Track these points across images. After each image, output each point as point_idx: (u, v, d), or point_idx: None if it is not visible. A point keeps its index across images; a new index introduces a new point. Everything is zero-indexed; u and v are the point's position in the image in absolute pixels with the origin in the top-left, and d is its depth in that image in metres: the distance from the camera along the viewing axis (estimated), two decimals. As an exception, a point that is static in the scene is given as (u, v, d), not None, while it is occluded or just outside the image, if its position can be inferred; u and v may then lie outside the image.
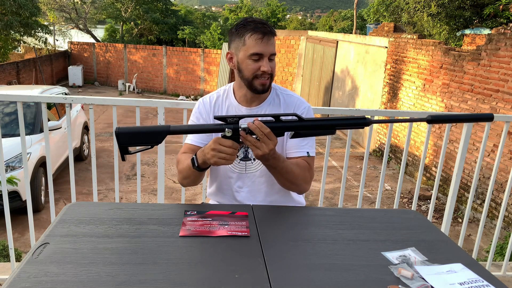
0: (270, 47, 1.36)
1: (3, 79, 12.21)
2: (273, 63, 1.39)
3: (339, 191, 5.97)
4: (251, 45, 1.35)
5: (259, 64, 1.36)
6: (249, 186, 1.49)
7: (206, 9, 59.58)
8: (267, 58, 1.36)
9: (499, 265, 2.74)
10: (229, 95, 1.50)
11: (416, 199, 2.35)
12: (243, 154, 1.48)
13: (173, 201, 5.62)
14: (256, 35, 1.34)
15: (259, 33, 1.34)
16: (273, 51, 1.37)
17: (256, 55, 1.35)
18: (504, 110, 5.13)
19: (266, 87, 1.40)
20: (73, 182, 2.16)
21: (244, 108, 1.47)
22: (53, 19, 19.73)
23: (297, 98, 1.52)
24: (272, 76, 1.40)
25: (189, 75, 15.69)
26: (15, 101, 2.00)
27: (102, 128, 9.64)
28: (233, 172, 1.49)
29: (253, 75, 1.37)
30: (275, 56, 1.39)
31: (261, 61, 1.36)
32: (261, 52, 1.35)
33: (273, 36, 1.37)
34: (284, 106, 1.48)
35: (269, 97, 1.49)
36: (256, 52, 1.35)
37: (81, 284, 0.88)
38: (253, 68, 1.36)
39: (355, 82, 9.49)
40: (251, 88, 1.40)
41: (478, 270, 1.01)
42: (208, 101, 1.51)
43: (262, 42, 1.34)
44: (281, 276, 0.95)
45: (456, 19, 8.40)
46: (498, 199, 5.20)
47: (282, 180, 1.38)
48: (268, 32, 1.35)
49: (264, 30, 1.35)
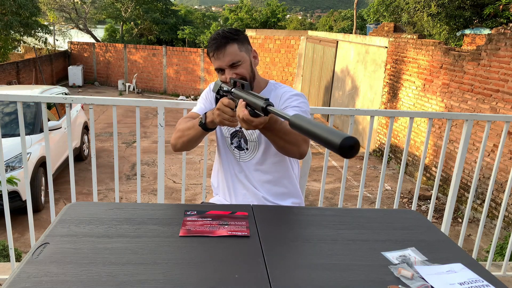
0: (226, 58, 1.40)
1: (3, 79, 12.21)
2: (239, 69, 1.41)
3: (339, 191, 5.97)
4: (213, 62, 1.45)
5: (225, 76, 1.42)
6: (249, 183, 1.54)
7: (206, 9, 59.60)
8: (228, 69, 1.41)
9: (499, 265, 2.74)
10: None
11: (416, 199, 2.35)
12: (236, 143, 1.54)
13: (173, 201, 5.62)
14: (210, 53, 1.44)
15: (211, 51, 1.43)
16: (231, 61, 1.40)
17: (218, 69, 1.44)
18: (504, 110, 5.13)
19: None
20: (73, 182, 2.16)
21: None
22: (53, 19, 19.72)
23: (288, 88, 1.54)
24: (245, 78, 1.43)
25: (189, 75, 15.69)
26: (15, 101, 2.01)
27: (102, 128, 9.64)
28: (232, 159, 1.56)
29: None
30: (240, 61, 1.41)
31: (225, 73, 1.42)
32: (219, 67, 1.42)
33: (227, 44, 1.39)
34: (274, 97, 1.51)
35: (263, 92, 1.53)
36: (216, 67, 1.44)
37: (81, 284, 0.88)
38: (223, 79, 1.43)
39: (355, 82, 9.49)
40: None
41: (478, 270, 1.01)
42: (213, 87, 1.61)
43: (215, 58, 1.42)
44: (281, 276, 0.95)
45: (456, 19, 8.40)
46: (498, 199, 5.20)
47: (281, 142, 1.31)
48: (218, 46, 1.40)
49: (214, 46, 1.40)
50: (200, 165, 7.29)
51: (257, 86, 1.50)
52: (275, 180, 1.54)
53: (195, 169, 7.05)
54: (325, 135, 0.77)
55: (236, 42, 1.41)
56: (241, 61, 1.41)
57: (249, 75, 1.44)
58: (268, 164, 1.52)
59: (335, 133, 0.76)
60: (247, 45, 1.45)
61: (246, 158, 1.54)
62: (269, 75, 13.12)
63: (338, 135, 0.74)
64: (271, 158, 1.51)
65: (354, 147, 0.73)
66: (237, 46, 1.41)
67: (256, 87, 1.50)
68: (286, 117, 0.91)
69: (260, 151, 1.51)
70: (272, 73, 13.20)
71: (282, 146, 1.33)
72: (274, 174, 1.53)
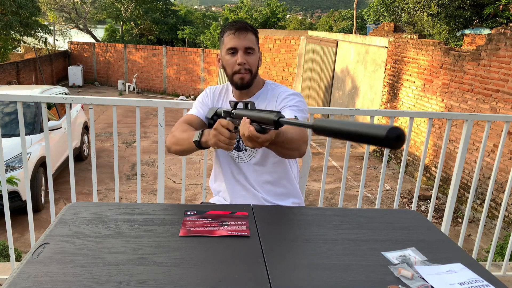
0: (244, 41, 1.41)
1: (3, 79, 12.21)
2: (251, 57, 1.43)
3: (339, 191, 5.97)
4: (227, 42, 1.43)
5: (236, 58, 1.42)
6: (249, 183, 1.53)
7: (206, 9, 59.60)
8: (241, 52, 1.41)
9: (499, 265, 2.74)
10: (229, 91, 1.59)
11: (416, 199, 2.35)
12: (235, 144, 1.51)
13: (173, 201, 5.62)
14: (229, 31, 1.43)
15: (232, 29, 1.42)
16: (248, 45, 1.42)
17: (231, 49, 1.42)
18: (504, 110, 5.13)
19: (245, 81, 1.44)
20: (73, 182, 2.16)
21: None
22: (53, 19, 19.73)
23: (284, 88, 1.54)
24: (251, 70, 1.44)
25: (189, 75, 15.69)
26: (15, 101, 2.01)
27: (102, 128, 9.64)
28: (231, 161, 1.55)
29: (232, 71, 1.44)
30: (254, 51, 1.44)
31: (237, 55, 1.42)
32: (235, 46, 1.41)
33: (248, 31, 1.43)
34: (270, 97, 1.52)
35: (259, 92, 1.53)
36: (230, 46, 1.42)
37: (81, 284, 0.88)
38: (231, 63, 1.43)
39: (355, 82, 9.49)
40: (233, 84, 1.48)
41: (478, 270, 1.01)
42: (213, 91, 1.62)
43: (235, 36, 1.41)
44: (281, 276, 0.95)
45: (456, 19, 8.40)
46: (498, 199, 5.20)
47: (283, 151, 1.31)
48: (241, 28, 1.42)
49: (237, 26, 1.42)
50: (200, 165, 7.29)
51: (256, 85, 1.51)
52: (274, 181, 1.53)
53: (195, 169, 7.05)
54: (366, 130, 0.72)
55: (255, 34, 1.46)
56: (255, 51, 1.45)
57: (255, 68, 1.46)
58: (267, 165, 1.52)
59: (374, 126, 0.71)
60: (258, 43, 1.50)
61: (244, 159, 1.53)
62: (269, 75, 13.12)
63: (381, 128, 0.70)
64: (270, 158, 1.51)
65: (400, 137, 0.69)
66: (255, 38, 1.46)
67: (255, 86, 1.51)
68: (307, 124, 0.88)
69: (259, 151, 1.50)
70: (272, 73, 13.20)
71: (284, 153, 1.33)
72: (273, 175, 1.53)
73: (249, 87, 1.48)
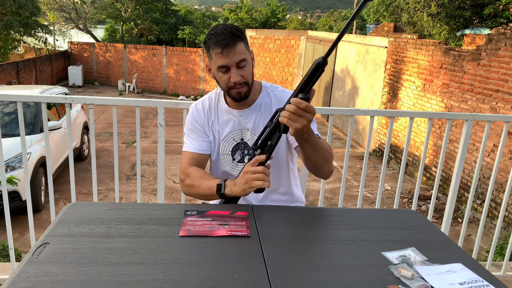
0: (234, 57, 1.32)
1: (3, 79, 12.21)
2: (244, 70, 1.36)
3: (339, 191, 5.97)
4: (216, 59, 1.35)
5: (229, 75, 1.34)
6: None
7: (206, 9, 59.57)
8: (234, 68, 1.34)
9: (499, 265, 2.74)
10: (220, 99, 1.51)
11: (416, 199, 2.35)
12: (239, 156, 1.50)
13: (173, 201, 5.62)
14: (217, 50, 1.33)
15: (218, 47, 1.32)
16: (239, 59, 1.33)
17: (223, 67, 1.34)
18: (504, 110, 5.13)
19: (242, 95, 1.38)
20: (73, 182, 2.16)
21: (236, 111, 1.47)
22: (53, 19, 19.73)
23: (286, 91, 1.51)
24: (247, 82, 1.37)
25: (189, 75, 15.69)
26: (15, 101, 2.01)
27: (102, 128, 9.64)
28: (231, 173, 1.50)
29: (227, 86, 1.37)
30: (246, 61, 1.35)
31: (229, 72, 1.34)
32: (225, 65, 1.33)
33: (236, 43, 1.33)
34: (276, 104, 1.46)
35: (259, 98, 1.47)
36: (221, 65, 1.34)
37: (81, 284, 0.88)
38: (225, 80, 1.36)
39: (355, 82, 9.49)
40: (230, 97, 1.41)
41: (478, 270, 1.01)
42: (201, 108, 1.51)
43: (223, 55, 1.32)
44: (281, 276, 0.95)
45: (456, 19, 8.40)
46: (498, 199, 5.20)
47: (316, 157, 1.30)
48: (228, 43, 1.31)
49: (224, 43, 1.31)
50: (200, 165, 7.27)
51: (253, 91, 1.45)
52: (274, 182, 1.52)
53: (195, 169, 7.04)
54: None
55: (243, 41, 1.36)
56: (247, 61, 1.37)
57: (251, 78, 1.39)
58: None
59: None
60: (248, 45, 1.42)
61: None
62: (269, 75, 13.13)
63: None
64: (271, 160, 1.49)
65: None
66: (244, 45, 1.36)
67: (254, 91, 1.45)
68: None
69: None
70: (272, 73, 13.20)
71: (316, 162, 1.32)
72: (273, 176, 1.51)
73: (248, 97, 1.41)
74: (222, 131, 1.49)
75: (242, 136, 1.48)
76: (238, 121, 1.47)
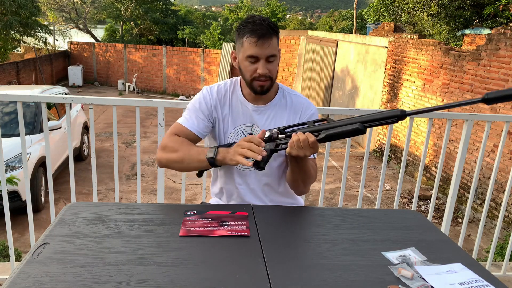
0: (267, 50, 1.32)
1: (3, 79, 12.21)
2: (272, 65, 1.35)
3: (339, 191, 5.97)
4: (247, 48, 1.32)
5: (256, 66, 1.33)
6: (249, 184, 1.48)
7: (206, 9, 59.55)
8: (263, 61, 1.33)
9: (499, 265, 2.74)
10: (236, 90, 1.48)
11: (416, 199, 2.35)
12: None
13: (173, 201, 5.62)
14: (251, 38, 1.31)
15: (254, 36, 1.31)
16: (271, 53, 1.33)
17: (252, 57, 1.33)
18: (504, 110, 5.13)
19: (264, 89, 1.37)
20: (73, 182, 2.16)
21: (251, 105, 1.45)
22: (53, 19, 19.72)
23: (304, 99, 1.51)
24: (272, 78, 1.37)
25: (189, 75, 15.69)
26: (15, 101, 2.00)
27: (102, 128, 9.64)
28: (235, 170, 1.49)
29: (251, 77, 1.36)
30: (275, 58, 1.35)
31: (258, 63, 1.33)
32: (256, 55, 1.32)
33: (272, 36, 1.33)
34: (290, 108, 1.46)
35: (276, 98, 1.47)
36: (251, 54, 1.32)
37: (81, 284, 0.88)
38: (250, 70, 1.35)
39: (355, 82, 9.49)
40: (251, 88, 1.40)
41: (478, 270, 1.01)
42: (215, 92, 1.47)
43: (257, 45, 1.31)
44: (281, 276, 0.95)
45: (456, 19, 8.41)
46: (498, 199, 5.20)
47: (297, 176, 1.37)
48: (265, 34, 1.31)
49: (261, 33, 1.30)
50: (200, 165, 7.28)
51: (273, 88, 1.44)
52: (274, 182, 1.52)
53: (195, 169, 7.05)
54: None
55: (277, 36, 1.35)
56: (276, 57, 1.36)
57: (275, 75, 1.39)
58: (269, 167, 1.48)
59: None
60: (279, 42, 1.40)
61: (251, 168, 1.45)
62: (269, 75, 13.10)
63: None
64: (272, 161, 1.48)
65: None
66: (277, 41, 1.36)
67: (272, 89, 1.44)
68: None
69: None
70: (272, 73, 13.19)
71: (295, 180, 1.40)
72: (273, 176, 1.51)
73: (268, 92, 1.41)
74: (234, 121, 1.46)
75: (252, 131, 1.46)
76: (250, 115, 1.45)
